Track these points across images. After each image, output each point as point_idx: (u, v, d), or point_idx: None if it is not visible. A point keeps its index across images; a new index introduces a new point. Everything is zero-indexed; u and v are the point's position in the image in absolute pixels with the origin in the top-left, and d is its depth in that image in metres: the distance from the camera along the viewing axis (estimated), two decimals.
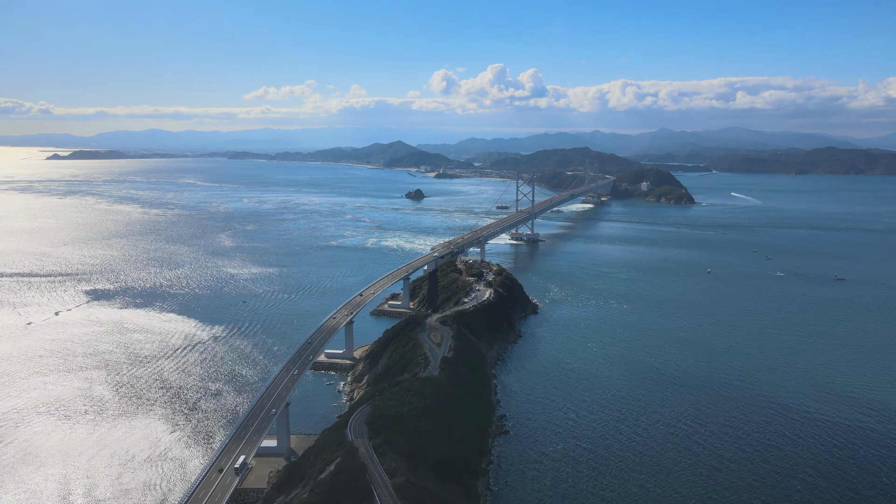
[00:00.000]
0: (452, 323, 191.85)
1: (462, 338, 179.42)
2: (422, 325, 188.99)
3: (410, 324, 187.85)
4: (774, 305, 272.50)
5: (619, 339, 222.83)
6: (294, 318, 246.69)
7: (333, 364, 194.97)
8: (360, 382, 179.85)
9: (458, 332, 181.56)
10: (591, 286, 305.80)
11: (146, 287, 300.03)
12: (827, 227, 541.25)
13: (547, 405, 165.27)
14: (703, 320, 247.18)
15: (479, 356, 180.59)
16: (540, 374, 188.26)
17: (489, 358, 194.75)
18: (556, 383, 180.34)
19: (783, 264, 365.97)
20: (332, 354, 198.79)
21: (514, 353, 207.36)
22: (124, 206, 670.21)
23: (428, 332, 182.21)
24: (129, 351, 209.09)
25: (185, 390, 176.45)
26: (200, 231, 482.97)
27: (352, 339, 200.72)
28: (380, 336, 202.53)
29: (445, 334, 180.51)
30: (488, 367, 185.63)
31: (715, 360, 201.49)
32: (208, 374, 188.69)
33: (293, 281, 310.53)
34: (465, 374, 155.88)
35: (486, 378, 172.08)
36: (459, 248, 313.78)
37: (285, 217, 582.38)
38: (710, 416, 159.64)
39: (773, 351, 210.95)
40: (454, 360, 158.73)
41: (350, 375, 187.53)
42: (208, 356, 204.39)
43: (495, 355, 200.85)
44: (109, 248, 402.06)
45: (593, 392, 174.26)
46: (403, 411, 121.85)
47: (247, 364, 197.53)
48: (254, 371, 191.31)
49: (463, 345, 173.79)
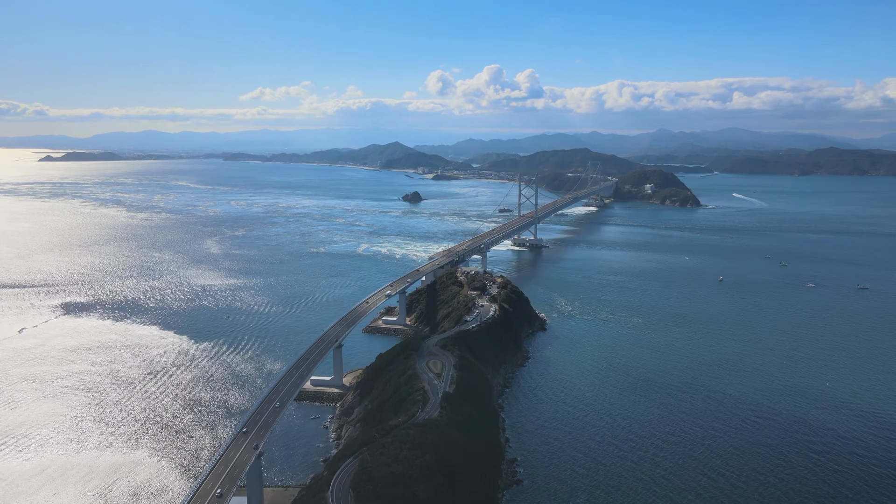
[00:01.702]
0: (454, 347, 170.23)
1: (465, 366, 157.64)
2: (419, 349, 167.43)
3: (407, 349, 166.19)
4: (799, 319, 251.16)
5: (635, 359, 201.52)
6: (279, 337, 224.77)
7: (320, 393, 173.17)
8: (349, 416, 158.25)
9: (460, 360, 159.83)
10: (599, 297, 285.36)
11: (123, 299, 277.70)
12: (838, 230, 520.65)
13: (562, 445, 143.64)
14: (724, 338, 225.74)
15: (484, 386, 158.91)
16: (552, 404, 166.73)
17: (495, 385, 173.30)
18: (571, 417, 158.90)
19: (799, 271, 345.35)
20: (319, 382, 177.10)
21: (523, 379, 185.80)
22: (109, 209, 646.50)
23: (427, 359, 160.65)
24: (93, 376, 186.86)
25: (147, 430, 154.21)
26: (187, 236, 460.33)
27: (341, 364, 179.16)
28: (373, 361, 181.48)
29: (446, 362, 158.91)
30: (495, 397, 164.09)
31: (748, 385, 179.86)
32: (177, 406, 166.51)
33: (280, 292, 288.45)
34: (470, 413, 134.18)
35: (494, 413, 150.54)
36: (460, 257, 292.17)
37: (276, 221, 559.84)
38: (759, 463, 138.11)
39: (810, 376, 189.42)
40: (457, 397, 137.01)
41: (338, 407, 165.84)
42: (179, 384, 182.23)
43: (502, 381, 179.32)
44: (87, 256, 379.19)
45: (613, 427, 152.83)
46: (397, 471, 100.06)
47: (223, 391, 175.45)
48: (231, 401, 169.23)
49: (466, 375, 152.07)
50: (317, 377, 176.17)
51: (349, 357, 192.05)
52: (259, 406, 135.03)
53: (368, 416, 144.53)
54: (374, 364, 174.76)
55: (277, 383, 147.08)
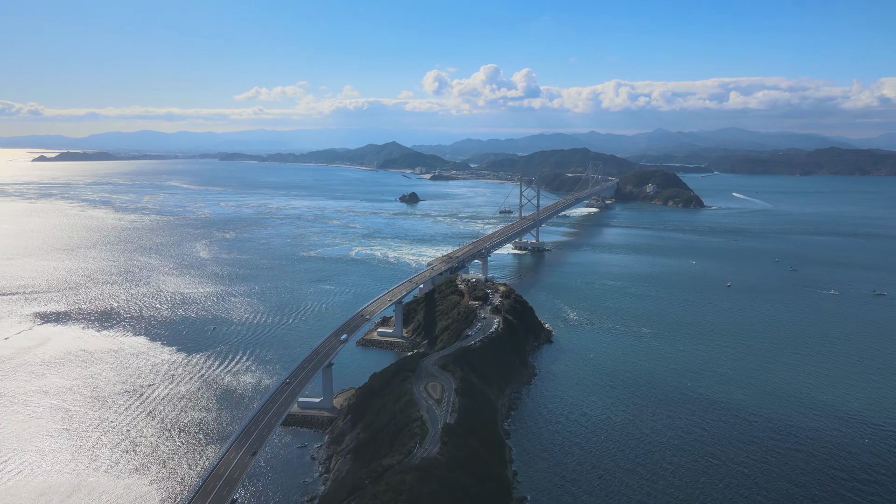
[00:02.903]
0: (455, 367, 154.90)
1: (467, 390, 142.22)
2: (417, 370, 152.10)
3: (403, 370, 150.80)
4: (816, 329, 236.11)
5: (647, 375, 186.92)
6: (267, 350, 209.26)
7: (308, 417, 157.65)
8: (339, 445, 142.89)
9: (461, 383, 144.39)
10: (605, 304, 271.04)
11: (105, 308, 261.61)
12: (845, 232, 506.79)
13: (575, 479, 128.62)
14: (741, 351, 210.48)
15: (488, 411, 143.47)
16: (561, 429, 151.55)
17: (500, 407, 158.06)
18: (582, 442, 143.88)
19: (811, 276, 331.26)
20: (307, 404, 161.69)
21: (530, 399, 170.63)
22: (97, 210, 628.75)
23: (425, 382, 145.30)
24: (68, 393, 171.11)
25: (118, 458, 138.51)
26: (175, 239, 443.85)
27: (331, 385, 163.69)
28: (367, 380, 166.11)
29: (447, 385, 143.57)
30: (500, 421, 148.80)
31: (775, 406, 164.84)
32: (152, 431, 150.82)
33: (269, 301, 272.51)
34: (473, 447, 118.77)
35: (500, 442, 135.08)
36: (459, 263, 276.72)
37: (268, 223, 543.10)
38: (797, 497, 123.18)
39: (838, 395, 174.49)
40: (459, 428, 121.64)
41: (328, 434, 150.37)
42: (157, 405, 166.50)
43: (507, 403, 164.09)
44: (70, 260, 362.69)
45: (629, 455, 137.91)
46: None
47: (205, 412, 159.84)
48: (211, 426, 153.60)
49: (468, 401, 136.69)
50: (305, 399, 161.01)
51: (341, 372, 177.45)
52: (236, 440, 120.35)
53: (360, 447, 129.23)
54: (367, 385, 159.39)
55: (257, 412, 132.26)
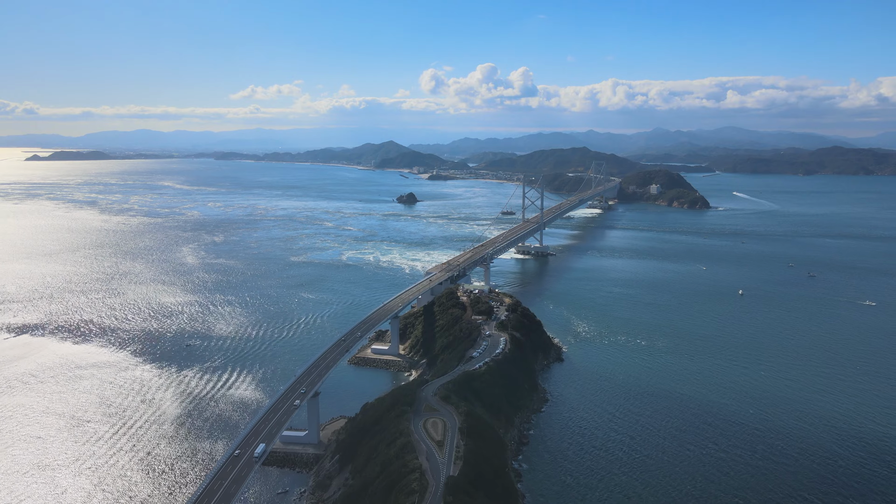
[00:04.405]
0: (458, 398, 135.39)
1: (473, 429, 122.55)
2: (416, 403, 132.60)
3: (399, 403, 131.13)
4: (860, 348, 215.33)
5: (669, 398, 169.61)
6: (250, 371, 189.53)
7: (291, 455, 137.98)
8: (324, 491, 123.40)
9: (466, 420, 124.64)
10: (615, 314, 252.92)
11: (80, 320, 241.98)
12: (858, 234, 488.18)
13: None
14: (767, 369, 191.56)
15: (497, 452, 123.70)
16: (579, 467, 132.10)
17: (510, 441, 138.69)
18: (605, 484, 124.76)
19: (830, 283, 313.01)
20: (291, 439, 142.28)
21: (543, 431, 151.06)
22: (83, 212, 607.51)
23: (424, 418, 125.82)
24: (32, 413, 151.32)
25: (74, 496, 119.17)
26: (161, 243, 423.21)
27: (317, 417, 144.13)
28: (358, 410, 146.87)
29: (449, 422, 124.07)
30: (510, 461, 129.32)
31: (824, 436, 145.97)
32: (118, 472, 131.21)
33: (255, 314, 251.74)
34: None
35: (511, 488, 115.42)
36: (461, 272, 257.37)
37: (260, 225, 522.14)
38: None
39: (884, 424, 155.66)
40: (464, 482, 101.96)
41: (313, 477, 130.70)
42: (127, 437, 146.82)
43: (517, 436, 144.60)
44: (48, 265, 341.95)
45: (658, 497, 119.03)
46: None
47: (180, 445, 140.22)
48: (184, 467, 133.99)
49: (475, 443, 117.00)
50: (289, 432, 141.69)
51: (331, 396, 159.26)
52: (208, 485, 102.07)
53: (349, 500, 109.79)
54: (359, 418, 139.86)
55: (230, 455, 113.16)
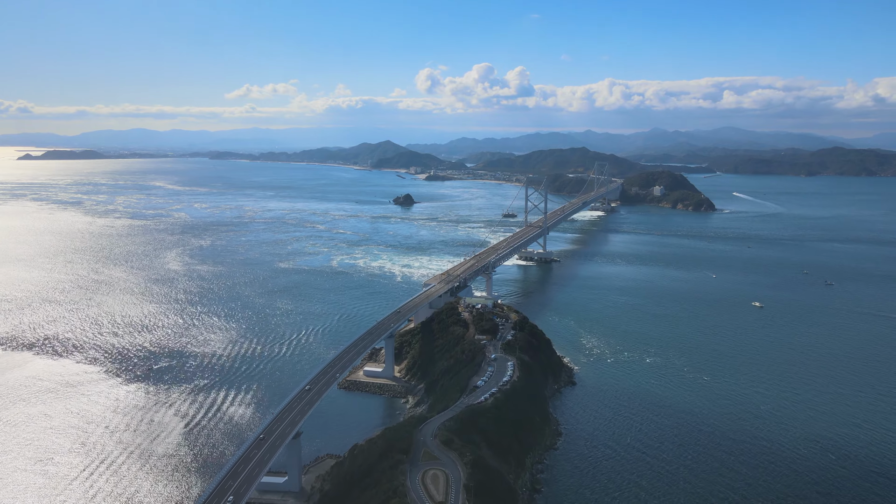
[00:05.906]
0: (461, 441, 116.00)
1: (482, 486, 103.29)
2: (412, 450, 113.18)
3: (393, 450, 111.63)
4: (880, 366, 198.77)
5: (694, 429, 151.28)
6: (217, 406, 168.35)
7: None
8: None
9: (472, 471, 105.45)
10: (625, 328, 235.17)
11: (50, 334, 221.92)
12: (868, 239, 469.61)
13: None
14: (800, 393, 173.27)
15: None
16: None
17: (521, 489, 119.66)
18: None
19: (850, 293, 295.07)
20: (269, 486, 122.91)
21: (556, 472, 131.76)
22: (67, 213, 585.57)
23: (423, 470, 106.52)
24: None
25: None
26: (146, 247, 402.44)
27: (299, 459, 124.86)
28: (346, 451, 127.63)
29: (452, 476, 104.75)
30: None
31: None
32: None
33: (236, 330, 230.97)
34: None
35: None
36: (461, 283, 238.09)
37: (249, 228, 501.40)
38: None
39: None
40: None
41: None
42: (92, 479, 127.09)
43: (529, 483, 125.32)
44: (22, 271, 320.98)
45: None
46: None
47: (149, 485, 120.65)
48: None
49: (482, 501, 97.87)
50: (268, 478, 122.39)
51: (316, 430, 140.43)
52: None
53: None
54: (346, 465, 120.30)
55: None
